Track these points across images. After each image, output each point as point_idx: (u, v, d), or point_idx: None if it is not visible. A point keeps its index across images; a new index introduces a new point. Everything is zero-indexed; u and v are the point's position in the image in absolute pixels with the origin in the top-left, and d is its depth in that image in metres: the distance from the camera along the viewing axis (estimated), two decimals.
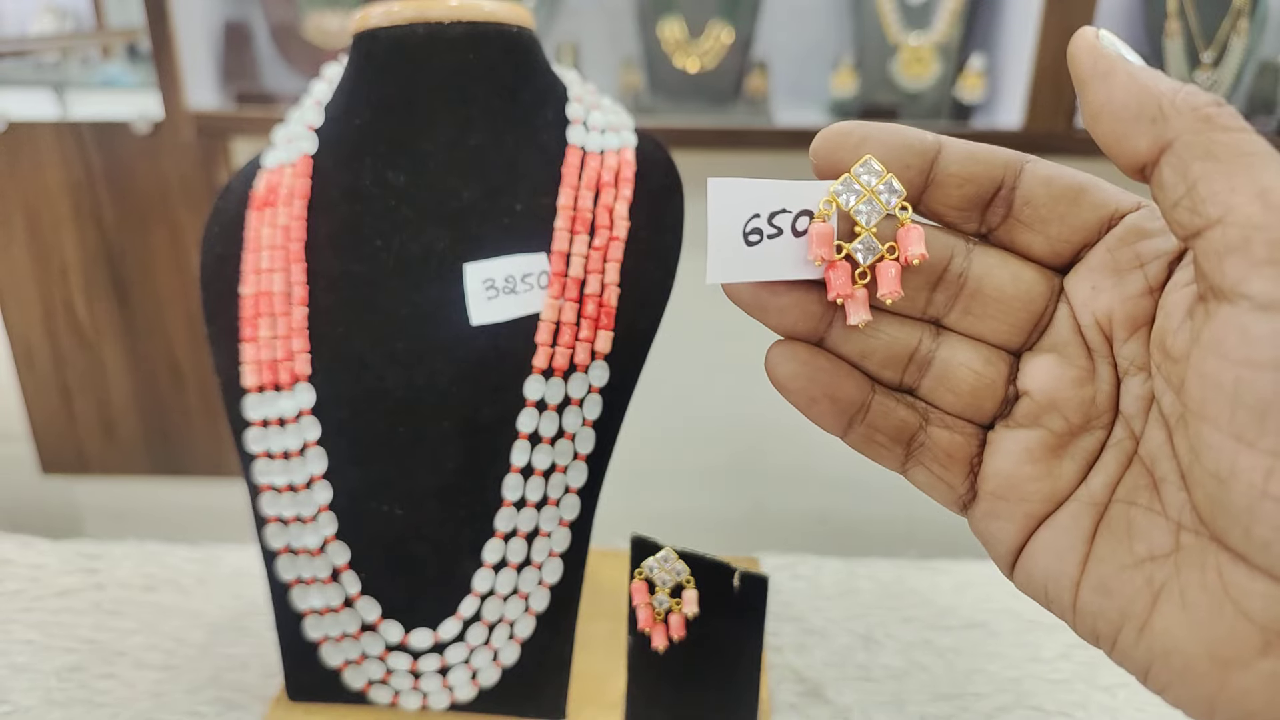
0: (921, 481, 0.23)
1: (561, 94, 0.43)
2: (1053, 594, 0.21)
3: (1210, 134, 0.18)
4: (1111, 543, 0.20)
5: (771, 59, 0.86)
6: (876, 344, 0.22)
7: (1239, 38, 0.78)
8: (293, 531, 0.42)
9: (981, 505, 0.22)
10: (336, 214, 0.41)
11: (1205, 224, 0.18)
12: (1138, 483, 0.21)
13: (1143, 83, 0.19)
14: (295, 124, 0.44)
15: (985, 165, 0.21)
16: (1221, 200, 0.17)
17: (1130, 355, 0.21)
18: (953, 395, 0.22)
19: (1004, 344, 0.22)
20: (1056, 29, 0.74)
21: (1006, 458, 0.22)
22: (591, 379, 0.40)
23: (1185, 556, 0.19)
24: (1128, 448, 0.21)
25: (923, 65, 0.82)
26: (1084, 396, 0.21)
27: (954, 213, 0.22)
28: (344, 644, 0.43)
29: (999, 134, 0.79)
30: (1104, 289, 0.21)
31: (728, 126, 0.79)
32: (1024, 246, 0.22)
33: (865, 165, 0.21)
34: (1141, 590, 0.20)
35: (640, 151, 0.43)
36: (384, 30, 0.40)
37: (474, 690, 0.43)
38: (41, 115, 0.88)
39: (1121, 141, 0.19)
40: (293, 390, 0.41)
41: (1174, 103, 0.18)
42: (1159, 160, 0.19)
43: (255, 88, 0.85)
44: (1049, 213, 0.21)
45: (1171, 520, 0.20)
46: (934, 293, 0.22)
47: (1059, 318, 0.22)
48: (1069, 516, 0.21)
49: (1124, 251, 0.21)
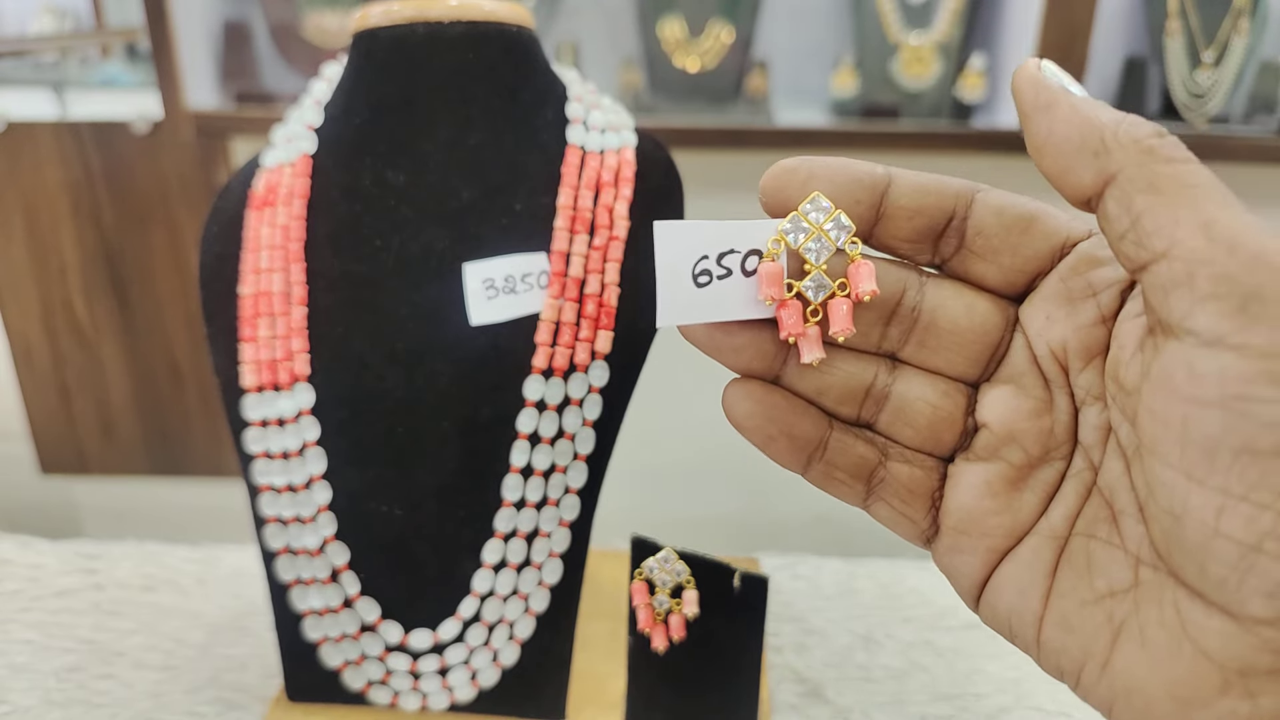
0: (884, 517, 0.23)
1: (561, 93, 0.43)
2: (1016, 629, 0.21)
3: (1153, 166, 0.18)
4: (1072, 577, 0.20)
5: (772, 58, 0.86)
6: (832, 380, 0.22)
7: (1240, 37, 0.78)
8: (292, 532, 0.42)
9: (944, 540, 0.22)
10: (336, 214, 0.41)
11: (1151, 258, 0.17)
12: (1097, 515, 0.20)
13: (1085, 115, 0.19)
14: (295, 124, 0.44)
15: (936, 196, 0.21)
16: (1166, 234, 0.17)
17: (1086, 385, 0.21)
18: (911, 429, 0.22)
19: (961, 376, 0.22)
20: (1057, 28, 0.74)
21: (967, 491, 0.22)
22: (591, 379, 0.40)
23: (1144, 592, 0.19)
24: (1087, 479, 0.21)
25: (923, 65, 0.82)
26: (1042, 427, 0.21)
27: (906, 245, 0.22)
28: (343, 644, 0.42)
29: (1000, 133, 0.79)
30: (1057, 318, 0.21)
31: (728, 126, 0.79)
32: (978, 277, 0.22)
33: (813, 202, 0.21)
34: (1102, 627, 0.19)
35: (640, 151, 0.43)
36: (384, 30, 0.40)
37: (474, 691, 0.43)
38: (40, 115, 0.88)
39: (1066, 175, 0.19)
40: (292, 390, 0.41)
41: (1116, 135, 0.18)
42: (1103, 193, 0.18)
43: (255, 87, 0.85)
44: (1001, 243, 0.21)
45: (1130, 554, 0.19)
46: (888, 327, 0.22)
47: (1015, 348, 0.22)
48: (1030, 551, 0.21)
49: (1076, 280, 0.21)
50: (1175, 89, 0.80)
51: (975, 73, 0.82)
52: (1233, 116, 0.83)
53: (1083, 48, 0.74)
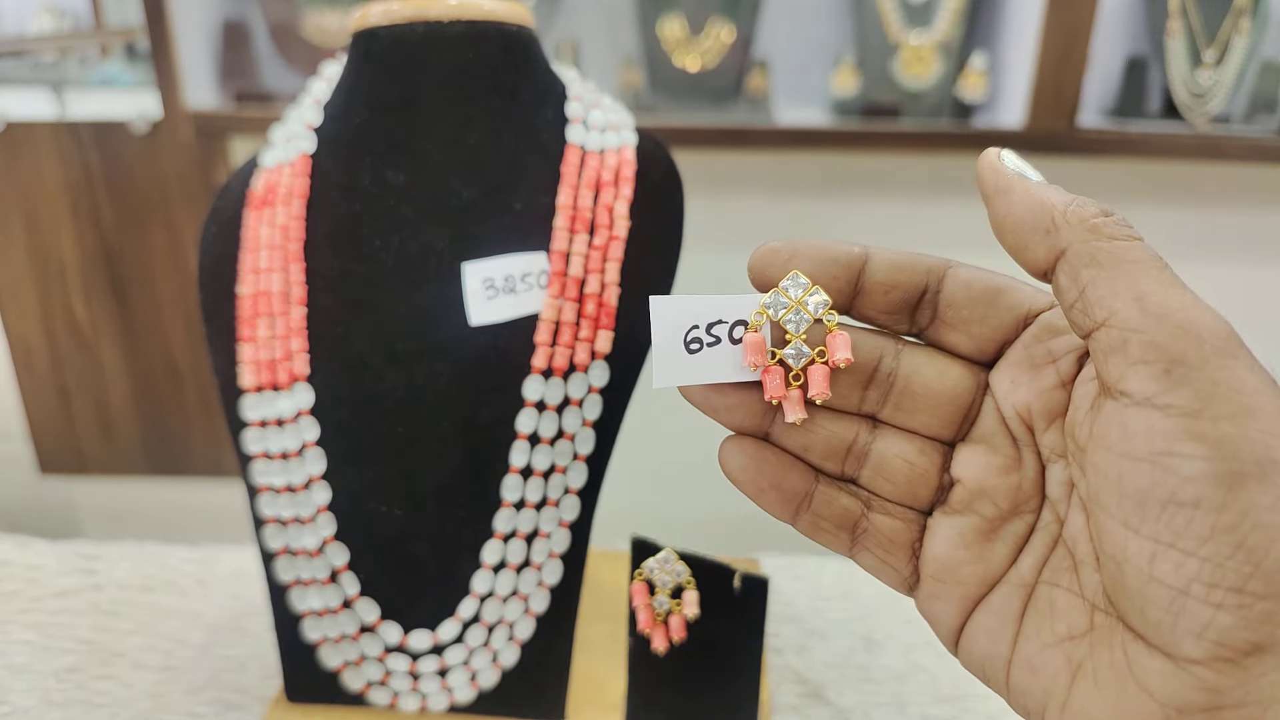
0: (868, 564, 0.24)
1: (561, 93, 0.43)
2: (989, 673, 0.22)
3: (1096, 243, 0.20)
4: (1036, 622, 0.21)
5: (772, 58, 0.86)
6: (816, 438, 0.24)
7: (1241, 37, 0.78)
8: (291, 532, 0.41)
9: (924, 588, 0.24)
10: (335, 213, 0.41)
11: (1094, 325, 0.19)
12: (1061, 564, 0.22)
13: (1037, 197, 0.21)
14: (294, 123, 0.44)
15: (908, 273, 0.23)
16: (1106, 304, 0.19)
17: (1051, 444, 0.22)
18: (890, 484, 0.24)
19: (935, 435, 0.24)
20: (1058, 28, 0.74)
21: (943, 543, 0.23)
22: (591, 379, 0.40)
23: (1098, 635, 0.20)
24: (1054, 531, 0.22)
25: (924, 64, 0.82)
26: (1011, 483, 0.23)
27: (884, 316, 0.24)
28: (343, 645, 0.42)
29: (1001, 133, 0.79)
30: (1022, 383, 0.22)
31: (728, 125, 0.79)
32: (951, 345, 0.23)
33: (792, 279, 0.23)
34: (1062, 669, 0.20)
35: (640, 150, 0.43)
36: (383, 29, 0.40)
37: (473, 692, 0.43)
38: (40, 115, 0.88)
39: (1022, 251, 0.21)
40: (291, 390, 0.41)
41: (1065, 215, 0.20)
42: (1055, 267, 0.20)
43: (254, 87, 0.85)
44: (970, 314, 0.23)
45: (1087, 600, 0.21)
46: (867, 390, 0.24)
47: (985, 410, 0.23)
48: (1000, 598, 0.22)
49: (1038, 348, 0.22)
50: (1176, 89, 0.80)
51: (976, 72, 0.82)
52: (1234, 116, 0.82)
53: (1084, 47, 0.74)
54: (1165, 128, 0.81)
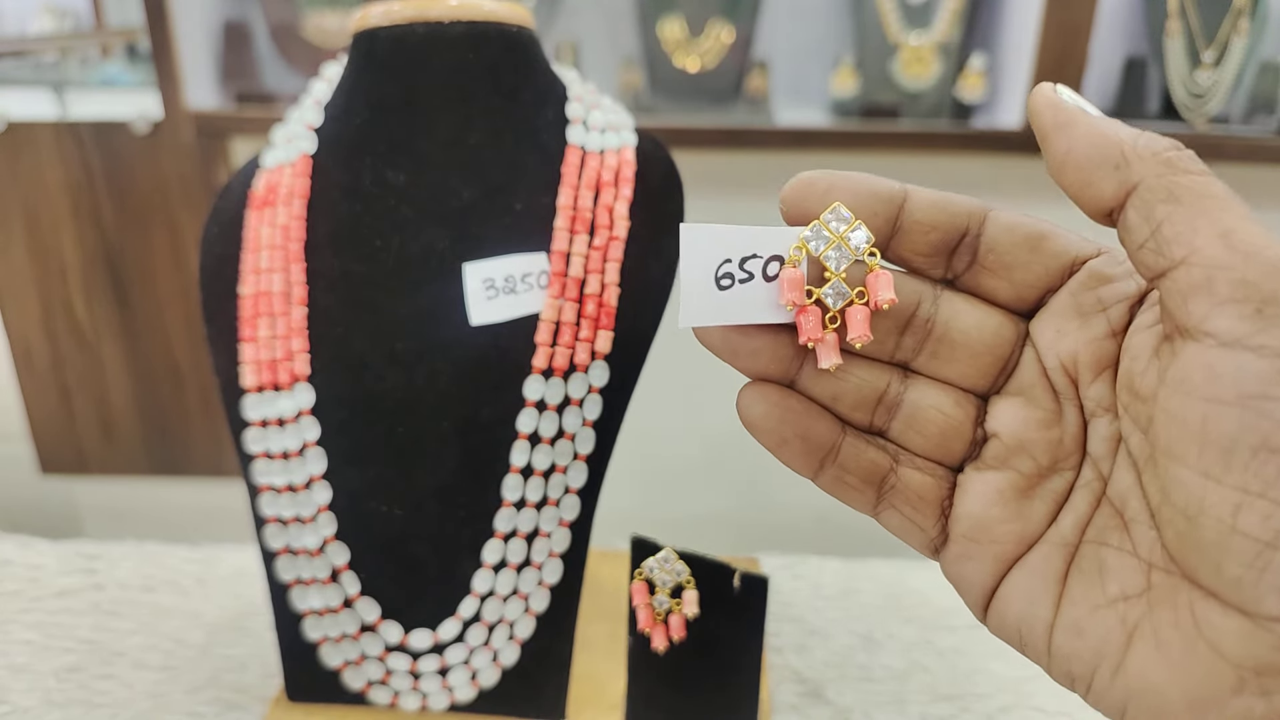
0: (893, 525, 0.23)
1: (561, 93, 0.43)
2: (1026, 637, 0.22)
3: (1172, 177, 0.19)
4: (1083, 584, 0.21)
5: (772, 58, 0.86)
6: (847, 386, 0.23)
7: (1240, 37, 0.78)
8: (292, 532, 0.42)
9: (953, 548, 0.23)
10: (336, 214, 0.41)
11: (1170, 264, 0.18)
12: (1108, 523, 0.21)
13: (1104, 131, 0.20)
14: (295, 123, 0.44)
15: (950, 213, 0.22)
16: (1185, 241, 0.18)
17: (1096, 397, 0.21)
18: (921, 437, 0.23)
19: (971, 387, 0.23)
20: (1057, 28, 0.74)
21: (976, 499, 0.22)
22: (591, 379, 0.40)
23: (1157, 595, 0.19)
24: (1096, 489, 0.21)
25: (923, 65, 0.82)
26: (1051, 438, 0.22)
27: (921, 259, 0.22)
28: (343, 644, 0.42)
29: (1000, 134, 0.79)
30: (1068, 332, 0.22)
31: (728, 126, 0.79)
32: (989, 292, 0.22)
33: (834, 212, 0.22)
34: (1115, 630, 0.20)
35: (640, 151, 0.43)
36: (383, 30, 0.40)
37: (474, 691, 0.43)
38: (41, 115, 0.88)
39: (1087, 189, 0.20)
40: (292, 390, 0.41)
41: (1135, 148, 0.19)
42: (1124, 204, 0.19)
43: (255, 87, 0.85)
44: (1012, 259, 0.22)
45: (1143, 560, 0.20)
46: (902, 336, 0.23)
47: (1025, 361, 0.22)
48: (1040, 558, 0.21)
49: (1086, 296, 0.21)
50: (1175, 89, 0.80)
51: (975, 73, 0.82)
52: (1233, 117, 0.82)
53: (1083, 48, 0.74)
54: (1164, 128, 0.81)
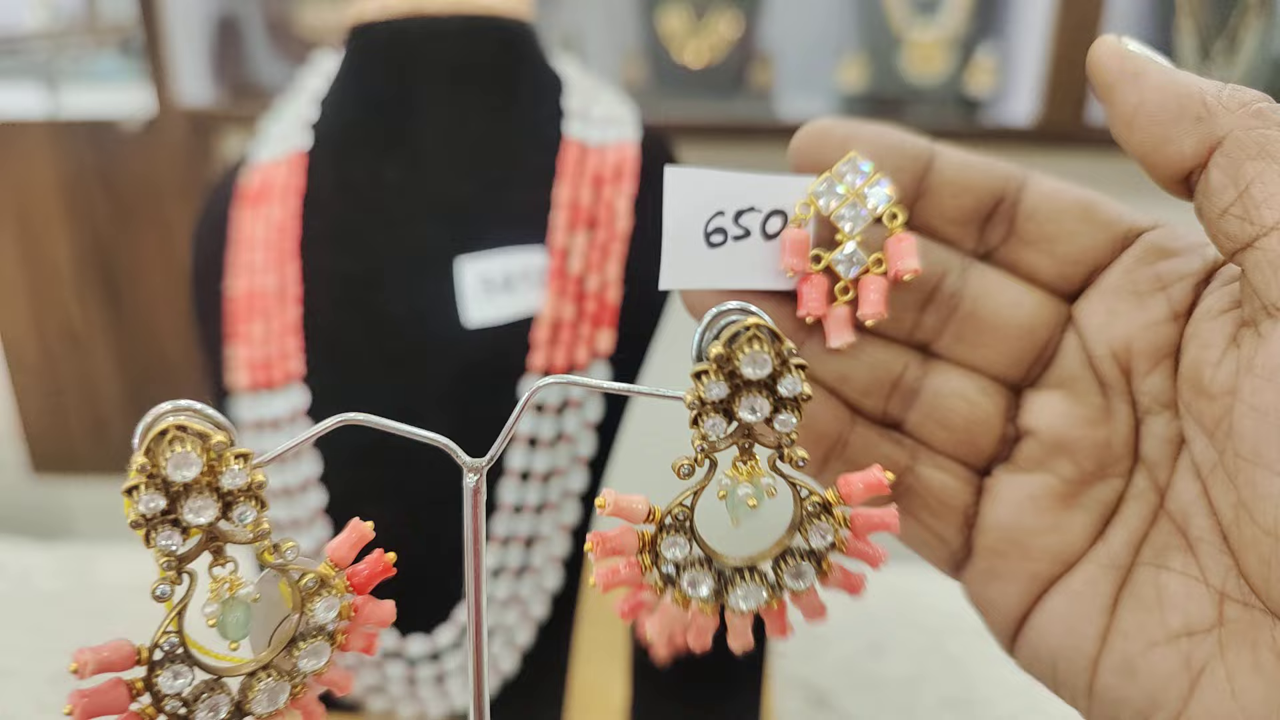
0: (909, 535, 0.21)
1: (561, 87, 0.42)
2: (1063, 674, 0.18)
3: (1265, 130, 0.16)
4: (1138, 614, 0.18)
5: (776, 50, 0.85)
6: (858, 367, 0.20)
7: (1250, 32, 0.77)
8: (287, 534, 0.41)
9: (978, 564, 0.20)
10: (330, 210, 0.41)
11: (1258, 232, 0.16)
12: (1168, 542, 0.18)
13: (1182, 80, 0.17)
14: (288, 118, 0.43)
15: (984, 175, 0.19)
16: (1279, 204, 0.15)
17: (1153, 391, 0.18)
18: (944, 430, 0.20)
19: (1001, 376, 0.20)
20: (1070, 19, 0.73)
21: (1008, 507, 0.19)
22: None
23: (1232, 632, 0.16)
24: (1152, 500, 0.18)
25: (930, 58, 0.81)
26: (1098, 438, 0.19)
27: (950, 227, 0.20)
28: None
29: (1009, 128, 0.78)
30: (1121, 314, 0.19)
31: (731, 119, 0.78)
32: (1028, 268, 0.20)
33: (850, 163, 0.18)
34: (1177, 672, 0.17)
35: (642, 145, 0.42)
36: (379, 24, 0.40)
37: None
38: (32, 110, 0.87)
39: (1163, 146, 0.17)
40: (286, 390, 0.40)
41: (1220, 98, 0.17)
42: (1207, 163, 0.17)
43: (248, 82, 0.84)
44: (1056, 229, 0.19)
45: (1213, 588, 0.17)
46: (923, 314, 0.20)
47: (1067, 349, 0.19)
48: (1084, 581, 0.18)
49: (1143, 272, 0.19)
50: None
51: (983, 66, 0.81)
52: None
53: (1092, 41, 0.73)
54: None
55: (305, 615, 0.18)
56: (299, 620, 0.17)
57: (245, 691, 0.17)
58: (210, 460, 0.17)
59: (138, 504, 0.16)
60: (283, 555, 0.18)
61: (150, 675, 0.17)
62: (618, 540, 0.18)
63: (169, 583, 0.17)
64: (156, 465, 0.16)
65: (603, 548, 0.18)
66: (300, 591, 0.18)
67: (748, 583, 0.18)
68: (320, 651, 0.18)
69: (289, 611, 0.18)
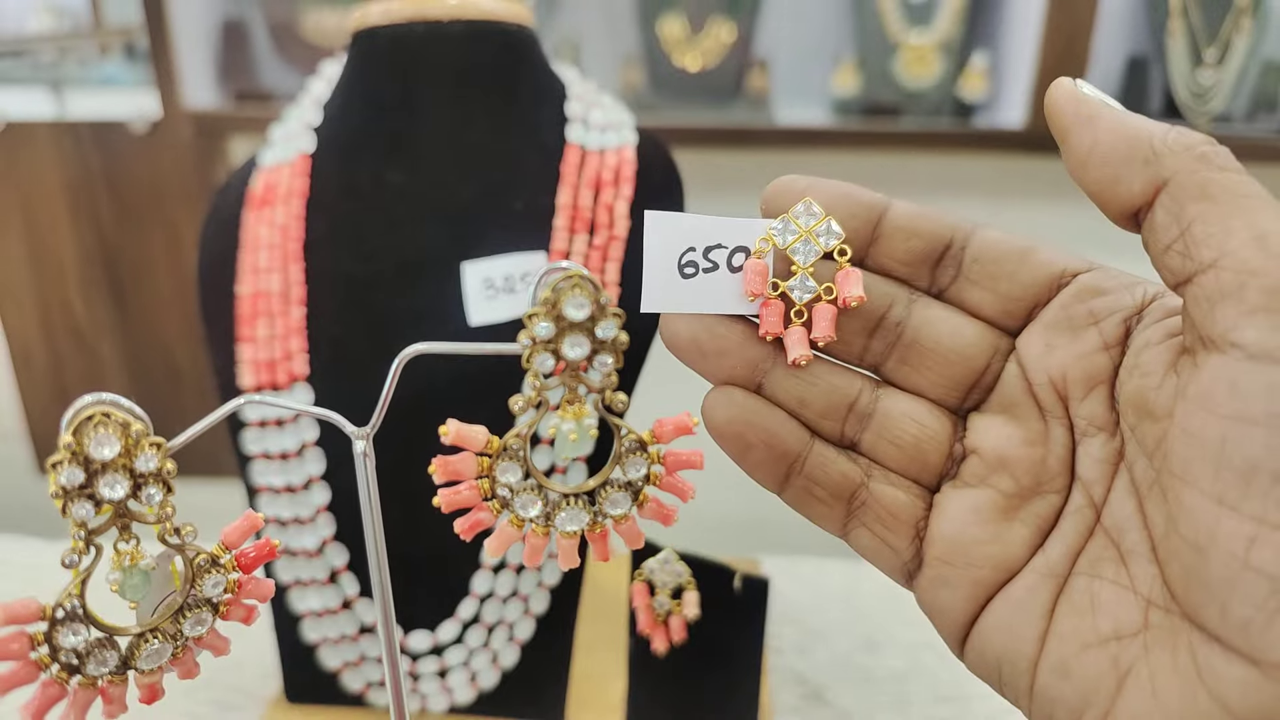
0: (864, 545, 0.22)
1: (561, 92, 0.43)
2: (1007, 675, 0.20)
3: (1206, 173, 0.17)
4: (1073, 619, 0.19)
5: (772, 57, 0.86)
6: (816, 390, 0.21)
7: (1242, 36, 0.78)
8: (291, 532, 0.41)
9: (928, 572, 0.21)
10: (334, 213, 0.41)
11: (1198, 268, 0.17)
12: (1102, 554, 0.19)
13: (1131, 124, 0.18)
14: (293, 122, 0.43)
15: (934, 223, 0.21)
16: (1216, 243, 0.17)
17: (1088, 415, 0.20)
18: (896, 449, 0.21)
19: (944, 398, 0.22)
20: (1059, 27, 0.73)
21: (954, 518, 0.21)
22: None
23: (1155, 636, 0.18)
24: (1088, 516, 0.20)
25: (924, 63, 0.82)
26: (1034, 457, 0.20)
27: (902, 268, 0.21)
28: (342, 646, 0.42)
29: (1002, 133, 0.79)
30: (1058, 346, 0.20)
31: (728, 124, 0.79)
32: (974, 305, 0.21)
33: (805, 206, 0.21)
34: (1106, 673, 0.18)
35: (641, 149, 0.42)
36: (383, 29, 0.40)
37: (473, 693, 0.43)
38: (39, 114, 0.88)
39: (1114, 185, 0.18)
40: (291, 390, 0.40)
41: (1166, 142, 0.18)
42: (1153, 203, 0.18)
43: (253, 86, 0.85)
44: (998, 269, 0.21)
45: (1140, 596, 0.18)
46: (871, 339, 0.22)
47: (1009, 377, 0.21)
48: (1025, 589, 0.20)
49: (1078, 308, 0.20)
50: (1177, 88, 0.80)
51: (977, 72, 0.81)
52: (1235, 116, 0.82)
53: (1084, 46, 0.74)
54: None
55: (195, 588, 0.20)
56: (188, 592, 0.20)
57: (133, 650, 0.20)
58: (128, 444, 0.19)
59: (59, 477, 0.18)
60: (181, 537, 0.20)
61: (51, 630, 0.19)
62: (458, 464, 0.23)
63: (78, 552, 0.19)
64: (80, 444, 0.18)
65: (444, 470, 0.22)
66: (193, 568, 0.20)
67: (573, 508, 0.22)
68: (204, 620, 0.21)
69: (178, 587, 0.20)
